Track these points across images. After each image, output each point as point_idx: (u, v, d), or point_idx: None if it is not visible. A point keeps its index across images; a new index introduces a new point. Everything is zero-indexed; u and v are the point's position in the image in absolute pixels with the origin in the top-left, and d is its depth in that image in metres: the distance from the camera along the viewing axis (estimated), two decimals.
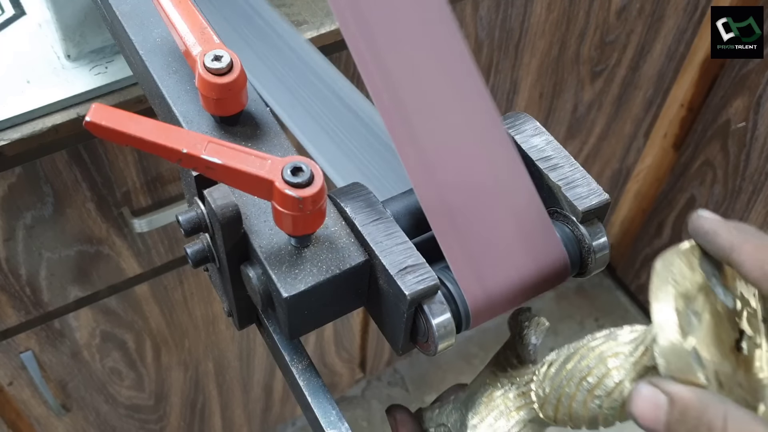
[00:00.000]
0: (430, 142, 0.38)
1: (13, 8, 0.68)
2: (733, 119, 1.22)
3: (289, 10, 0.71)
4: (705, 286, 0.31)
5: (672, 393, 0.29)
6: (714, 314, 0.31)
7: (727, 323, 0.31)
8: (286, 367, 0.43)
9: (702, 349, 0.29)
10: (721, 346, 0.30)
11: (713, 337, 0.30)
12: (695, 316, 0.30)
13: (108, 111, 0.34)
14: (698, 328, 0.30)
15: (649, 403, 0.29)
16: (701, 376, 0.29)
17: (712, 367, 0.29)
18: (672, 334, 0.29)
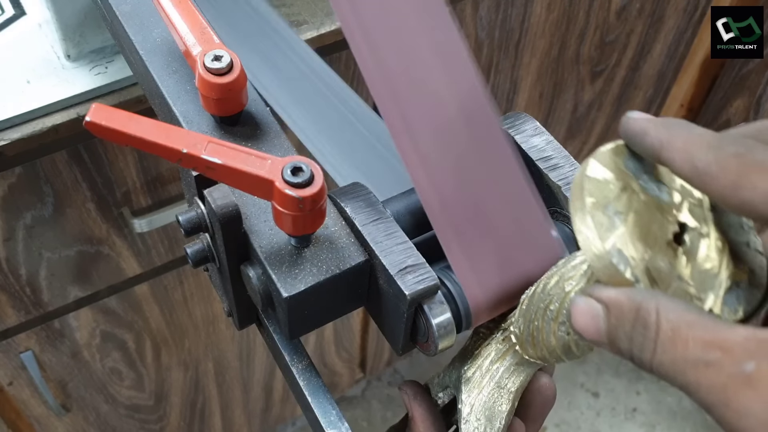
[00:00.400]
0: (431, 142, 0.39)
1: (13, 8, 0.68)
2: (733, 119, 1.22)
3: (289, 10, 0.71)
4: (630, 184, 0.30)
5: (604, 299, 0.28)
6: (643, 211, 0.30)
7: (661, 217, 0.30)
8: (286, 367, 0.43)
9: (626, 247, 0.29)
10: (652, 242, 0.29)
11: (642, 233, 0.29)
12: (618, 216, 0.29)
13: (108, 111, 0.34)
14: (621, 228, 0.29)
15: (586, 315, 0.28)
16: (628, 275, 0.28)
17: (642, 264, 0.29)
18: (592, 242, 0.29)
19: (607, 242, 0.29)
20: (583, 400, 1.57)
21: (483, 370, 0.38)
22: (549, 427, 1.53)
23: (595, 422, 1.54)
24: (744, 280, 0.30)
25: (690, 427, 1.53)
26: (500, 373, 0.38)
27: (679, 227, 0.30)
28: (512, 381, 0.37)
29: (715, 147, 0.26)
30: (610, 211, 0.29)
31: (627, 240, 0.29)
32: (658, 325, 0.26)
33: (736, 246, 0.30)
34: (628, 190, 0.30)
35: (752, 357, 0.23)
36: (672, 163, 0.28)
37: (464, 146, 0.39)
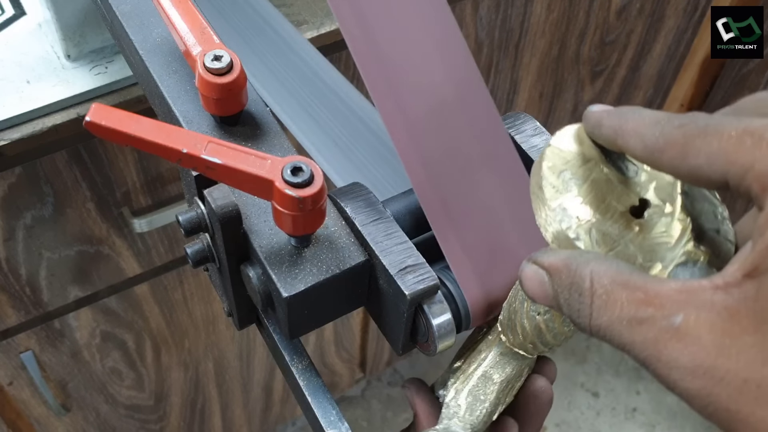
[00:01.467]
0: (430, 142, 0.39)
1: (13, 8, 0.68)
2: None
3: (289, 10, 0.71)
4: (594, 158, 0.31)
5: (546, 264, 0.28)
6: (601, 182, 0.30)
7: (621, 191, 0.31)
8: (286, 367, 0.43)
9: (574, 207, 0.29)
10: (605, 209, 0.30)
11: (595, 200, 0.30)
12: (573, 181, 0.30)
13: (108, 111, 0.35)
14: (573, 191, 0.30)
15: (534, 281, 0.29)
16: (570, 233, 0.29)
17: (587, 225, 0.29)
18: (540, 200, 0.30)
19: (555, 201, 0.30)
20: (583, 400, 1.57)
21: (471, 360, 0.39)
22: (549, 427, 1.53)
23: (595, 422, 1.54)
24: (703, 260, 0.30)
25: (690, 427, 1.53)
26: (486, 363, 0.38)
27: (640, 203, 0.31)
28: (498, 372, 0.38)
29: (662, 123, 0.27)
30: (565, 176, 0.30)
31: (576, 203, 0.30)
32: (593, 290, 0.26)
33: (705, 232, 0.31)
34: (590, 162, 0.31)
35: (681, 309, 0.24)
36: (627, 148, 0.28)
37: (464, 145, 0.39)
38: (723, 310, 0.23)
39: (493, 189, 0.39)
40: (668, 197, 0.31)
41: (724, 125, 0.25)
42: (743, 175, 0.24)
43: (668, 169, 0.27)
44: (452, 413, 0.38)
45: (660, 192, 0.31)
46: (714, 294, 0.24)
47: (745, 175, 0.24)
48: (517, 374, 0.38)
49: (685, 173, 0.26)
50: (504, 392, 0.38)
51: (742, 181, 0.24)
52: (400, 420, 1.51)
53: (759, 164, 0.23)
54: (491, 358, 0.38)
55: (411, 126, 0.38)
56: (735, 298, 0.23)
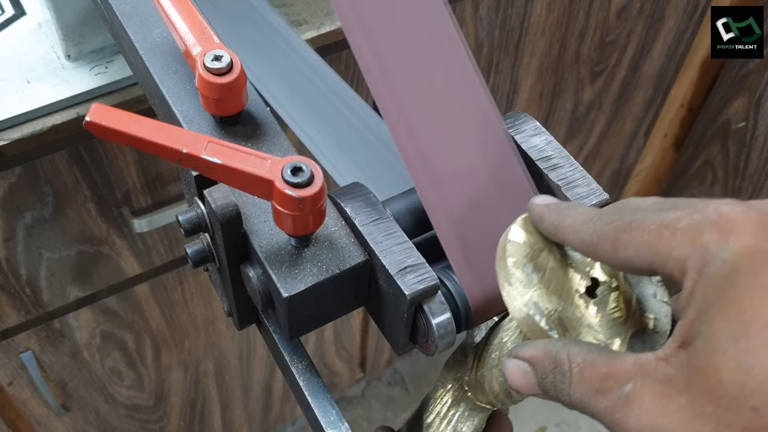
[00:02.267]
0: (432, 141, 0.39)
1: (13, 8, 0.68)
2: (733, 119, 1.22)
3: (289, 10, 0.71)
4: (547, 246, 0.34)
5: (527, 357, 0.32)
6: (558, 268, 0.34)
7: (574, 273, 0.34)
8: (286, 367, 0.43)
9: (542, 300, 0.32)
10: (566, 295, 0.33)
11: (556, 287, 0.33)
12: (536, 273, 0.33)
13: (108, 111, 0.34)
14: (537, 284, 0.33)
15: (518, 373, 0.32)
16: (543, 324, 0.32)
17: (555, 314, 0.32)
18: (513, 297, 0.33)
19: (525, 296, 0.32)
20: None
21: (441, 416, 0.40)
22: (549, 427, 1.53)
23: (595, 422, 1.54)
24: (650, 327, 0.33)
25: None
26: (456, 418, 0.40)
27: (592, 282, 0.34)
28: (467, 425, 0.40)
29: (594, 219, 0.31)
30: (528, 269, 0.33)
31: (543, 294, 0.33)
32: (570, 370, 0.30)
33: (643, 297, 0.34)
34: (545, 251, 0.34)
35: (631, 379, 0.28)
36: (566, 242, 0.32)
37: (465, 145, 0.39)
38: (662, 378, 0.27)
39: (494, 187, 0.39)
40: (613, 273, 0.34)
41: (645, 220, 0.28)
42: (665, 263, 0.27)
43: (604, 261, 0.31)
44: None
45: (605, 269, 0.34)
46: (656, 365, 0.27)
47: (666, 263, 0.27)
48: (482, 422, 0.40)
49: (618, 265, 0.30)
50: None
51: (665, 268, 0.27)
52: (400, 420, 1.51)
53: (675, 252, 0.27)
54: (459, 414, 0.40)
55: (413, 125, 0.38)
56: (671, 366, 0.27)
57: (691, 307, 0.26)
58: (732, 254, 0.26)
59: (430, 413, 0.41)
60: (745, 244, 0.26)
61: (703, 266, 0.26)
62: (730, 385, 0.25)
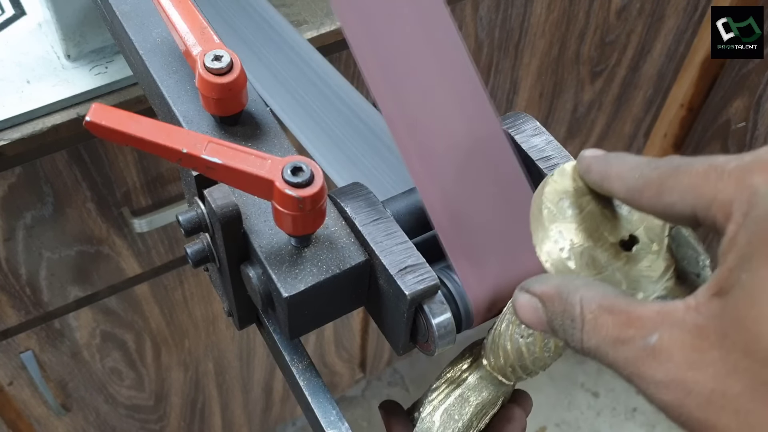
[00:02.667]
0: (432, 141, 0.39)
1: (13, 8, 0.68)
2: (733, 119, 1.22)
3: (289, 10, 0.71)
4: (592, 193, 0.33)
5: (538, 292, 0.30)
6: (597, 214, 0.33)
7: (614, 224, 0.33)
8: (286, 367, 0.43)
9: (569, 232, 0.32)
10: (597, 237, 0.32)
11: (589, 228, 0.32)
12: (570, 208, 0.32)
13: (108, 111, 0.34)
14: (569, 218, 0.32)
15: (529, 308, 0.30)
16: (564, 254, 0.31)
17: (580, 249, 0.31)
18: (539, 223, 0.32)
19: (554, 224, 0.32)
20: (583, 400, 1.57)
21: (450, 381, 0.40)
22: (549, 427, 1.53)
23: (595, 422, 1.54)
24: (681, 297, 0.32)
25: None
26: (465, 385, 0.39)
27: (630, 238, 0.33)
28: (475, 395, 0.39)
29: (641, 166, 0.29)
30: (564, 204, 0.33)
31: (572, 228, 0.32)
32: (583, 316, 0.28)
33: (686, 275, 0.33)
34: (587, 196, 0.33)
35: (657, 329, 0.26)
36: (612, 192, 0.31)
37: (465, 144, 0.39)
38: (693, 328, 0.25)
39: (495, 187, 0.39)
40: (656, 238, 0.33)
41: (693, 164, 0.27)
42: (708, 207, 0.26)
43: (648, 209, 0.29)
44: (426, 428, 0.39)
45: (649, 232, 0.33)
46: (686, 314, 0.25)
47: (710, 207, 0.26)
48: (492, 400, 0.39)
49: (661, 211, 0.28)
50: (478, 416, 0.39)
51: (708, 213, 0.26)
52: None
53: (721, 195, 0.25)
54: (470, 381, 0.39)
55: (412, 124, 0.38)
56: (703, 316, 0.25)
57: (733, 252, 0.24)
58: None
59: (441, 377, 0.40)
60: None
61: (749, 209, 0.24)
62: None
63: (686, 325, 0.25)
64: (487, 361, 0.39)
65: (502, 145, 0.40)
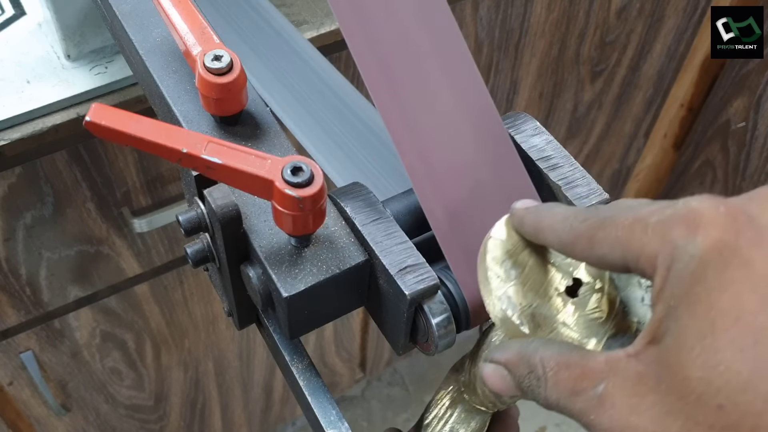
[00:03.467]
0: (430, 142, 0.39)
1: (13, 8, 0.68)
2: (733, 119, 1.22)
3: (289, 10, 0.71)
4: (530, 244, 0.34)
5: (503, 361, 0.32)
6: (538, 267, 0.34)
7: (555, 273, 0.34)
8: (286, 367, 0.43)
9: (517, 295, 0.33)
10: (543, 293, 0.33)
11: (534, 285, 0.33)
12: (514, 269, 0.33)
13: (108, 111, 0.34)
14: (514, 280, 0.33)
15: (496, 377, 0.32)
16: (515, 319, 0.32)
17: (529, 309, 0.33)
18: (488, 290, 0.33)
19: (500, 290, 0.33)
20: None
21: (439, 417, 0.40)
22: (549, 427, 1.53)
23: None
24: (632, 330, 0.33)
25: None
26: (452, 419, 0.40)
27: (574, 282, 0.34)
28: (464, 427, 0.40)
29: (571, 218, 0.31)
30: (506, 266, 0.33)
31: (519, 290, 0.33)
32: (545, 373, 0.30)
33: (629, 301, 0.34)
34: (526, 250, 0.34)
35: (603, 379, 0.27)
36: (546, 243, 0.32)
37: (464, 144, 0.39)
38: (634, 375, 0.27)
39: (493, 188, 0.39)
40: (598, 274, 0.34)
41: (619, 216, 0.28)
42: (637, 259, 0.27)
43: (581, 259, 0.30)
44: None
45: (590, 270, 0.34)
46: (627, 362, 0.27)
47: (638, 259, 0.27)
48: (481, 426, 0.40)
49: (595, 261, 0.30)
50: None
51: (637, 264, 0.27)
52: (400, 420, 1.51)
53: (647, 248, 0.27)
54: (456, 416, 0.40)
55: (411, 125, 0.38)
56: (642, 363, 0.27)
57: (661, 303, 0.26)
58: (699, 250, 0.25)
59: (429, 414, 0.41)
60: (712, 240, 0.25)
61: (671, 262, 0.26)
62: (696, 382, 0.25)
63: (628, 372, 0.27)
64: (468, 397, 0.40)
65: (503, 145, 0.40)
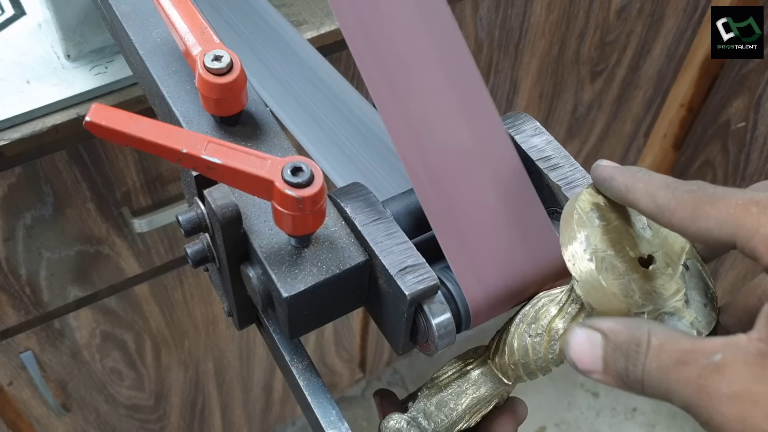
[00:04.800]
0: (430, 142, 0.39)
1: (13, 8, 0.68)
2: (733, 119, 1.22)
3: (289, 10, 0.71)
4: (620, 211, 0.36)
5: (603, 328, 0.32)
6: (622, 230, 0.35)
7: (635, 242, 0.35)
8: (286, 367, 0.43)
9: (595, 238, 0.34)
10: (620, 248, 0.35)
11: (613, 240, 0.35)
12: (599, 219, 0.35)
13: (108, 111, 0.34)
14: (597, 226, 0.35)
15: (585, 344, 0.32)
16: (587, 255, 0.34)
17: (602, 254, 0.34)
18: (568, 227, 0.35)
19: (581, 230, 0.34)
20: (583, 400, 1.57)
21: (451, 372, 0.40)
22: (549, 427, 1.53)
23: (595, 422, 1.54)
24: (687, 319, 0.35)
25: (689, 428, 1.53)
26: (465, 378, 0.40)
27: (648, 257, 0.35)
28: (472, 388, 0.40)
29: (672, 186, 0.31)
30: (593, 214, 0.35)
31: (597, 235, 0.34)
32: (649, 341, 0.30)
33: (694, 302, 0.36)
34: (614, 213, 0.36)
35: (719, 351, 0.28)
36: (637, 203, 0.33)
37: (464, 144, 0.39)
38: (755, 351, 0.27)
39: (493, 188, 0.39)
40: (672, 263, 0.36)
41: (731, 194, 0.29)
42: (750, 238, 0.28)
43: (677, 228, 0.31)
44: (420, 408, 0.40)
45: (666, 257, 0.36)
46: (748, 342, 0.28)
47: (751, 238, 0.28)
48: (488, 398, 0.40)
49: (694, 233, 0.30)
50: (470, 411, 0.40)
51: (749, 243, 0.28)
52: None
53: (764, 229, 0.28)
54: (471, 375, 0.40)
55: (411, 125, 0.38)
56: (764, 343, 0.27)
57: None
58: None
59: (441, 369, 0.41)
60: None
61: None
62: None
63: (749, 348, 0.27)
64: (491, 359, 0.39)
65: (503, 147, 0.40)
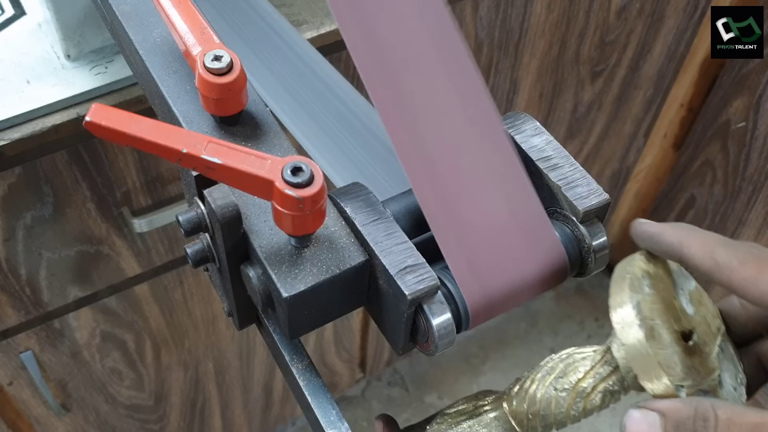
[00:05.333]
0: (429, 142, 0.39)
1: (13, 8, 0.68)
2: (733, 119, 1.22)
3: (289, 10, 0.71)
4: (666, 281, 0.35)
5: (662, 408, 0.32)
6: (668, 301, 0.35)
7: (679, 315, 0.35)
8: (286, 367, 0.43)
9: (646, 307, 0.34)
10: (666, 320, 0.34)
11: (660, 310, 0.34)
12: (651, 290, 0.35)
13: (108, 111, 0.34)
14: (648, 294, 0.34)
15: (642, 423, 0.32)
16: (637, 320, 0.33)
17: (650, 323, 0.34)
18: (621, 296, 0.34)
19: (634, 296, 0.34)
20: None
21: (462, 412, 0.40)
22: None
23: (595, 422, 1.54)
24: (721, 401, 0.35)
25: None
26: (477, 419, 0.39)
27: (688, 332, 0.35)
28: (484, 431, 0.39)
29: (732, 245, 0.31)
30: (645, 282, 0.35)
31: (647, 303, 0.34)
32: (716, 416, 0.30)
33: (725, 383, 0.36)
34: (663, 283, 0.35)
35: None
36: (691, 258, 0.32)
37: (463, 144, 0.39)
38: None
39: (493, 188, 0.39)
40: (709, 342, 0.36)
41: None
42: None
43: (736, 287, 0.31)
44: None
45: (703, 336, 0.36)
46: None
47: None
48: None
49: (755, 294, 0.30)
50: None
51: None
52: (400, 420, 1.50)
53: None
54: (483, 417, 0.39)
55: (410, 126, 0.38)
56: None
57: None
58: None
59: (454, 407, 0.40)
60: None
61: None
62: None
63: None
64: (507, 405, 0.39)
65: (502, 147, 0.40)
